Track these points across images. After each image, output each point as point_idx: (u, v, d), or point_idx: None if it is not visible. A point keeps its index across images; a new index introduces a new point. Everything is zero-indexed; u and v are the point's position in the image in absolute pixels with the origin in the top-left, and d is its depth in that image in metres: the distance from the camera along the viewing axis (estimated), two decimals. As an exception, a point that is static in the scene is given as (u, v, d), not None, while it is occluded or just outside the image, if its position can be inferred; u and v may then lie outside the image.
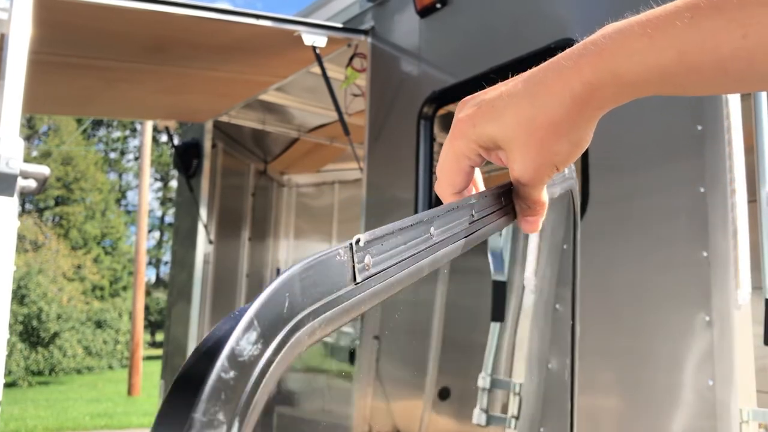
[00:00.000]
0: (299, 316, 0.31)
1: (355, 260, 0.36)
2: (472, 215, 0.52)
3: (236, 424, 0.27)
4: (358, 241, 0.37)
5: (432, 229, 0.46)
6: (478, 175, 0.60)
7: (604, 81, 0.49)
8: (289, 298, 0.31)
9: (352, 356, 4.21)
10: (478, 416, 0.98)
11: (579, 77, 0.49)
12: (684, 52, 0.45)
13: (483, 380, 0.93)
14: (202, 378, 0.26)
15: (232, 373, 0.27)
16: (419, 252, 0.44)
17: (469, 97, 0.57)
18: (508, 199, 0.58)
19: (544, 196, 0.58)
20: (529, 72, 0.54)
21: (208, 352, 0.27)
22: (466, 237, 0.51)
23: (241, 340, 0.28)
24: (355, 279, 0.36)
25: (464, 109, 0.56)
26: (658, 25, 0.46)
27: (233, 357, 0.27)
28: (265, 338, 0.29)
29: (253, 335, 0.29)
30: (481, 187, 0.61)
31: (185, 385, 0.26)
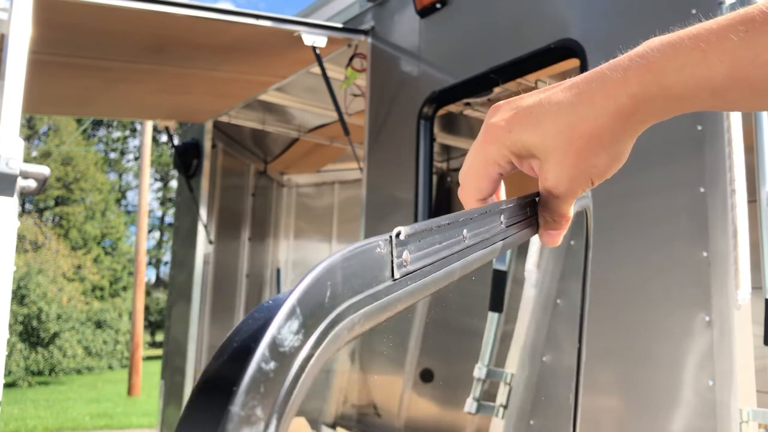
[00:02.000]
0: (340, 308, 0.29)
1: (394, 254, 0.34)
2: (501, 222, 0.50)
3: (274, 422, 0.24)
4: (398, 234, 0.34)
5: (465, 231, 0.44)
6: (501, 183, 0.59)
7: (651, 94, 0.48)
8: (330, 288, 0.28)
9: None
10: (470, 404, 0.98)
11: (625, 89, 0.48)
12: (737, 67, 0.45)
13: (479, 370, 0.93)
14: (240, 368, 0.23)
15: (272, 365, 0.24)
16: (453, 254, 0.42)
17: (502, 101, 0.55)
18: (532, 210, 0.56)
19: (571, 210, 0.56)
20: (570, 81, 0.52)
21: (246, 340, 0.25)
22: (493, 245, 0.49)
23: (283, 328, 0.25)
24: (393, 275, 0.34)
25: (498, 113, 0.54)
26: (710, 38, 0.45)
27: (274, 346, 0.25)
28: (306, 328, 0.26)
29: (294, 324, 0.26)
30: (503, 196, 0.59)
31: (219, 376, 0.23)
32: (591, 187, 0.54)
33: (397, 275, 0.34)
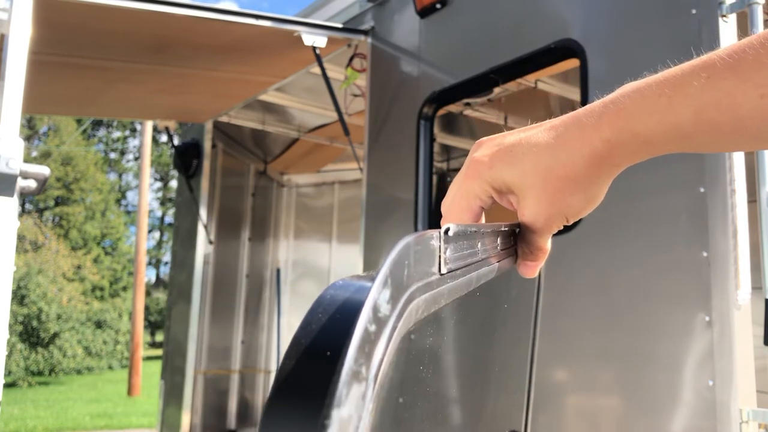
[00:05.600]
0: (412, 288, 0.30)
1: (442, 249, 0.35)
2: (497, 245, 0.53)
3: (372, 385, 0.24)
4: (447, 231, 0.36)
5: (479, 245, 0.45)
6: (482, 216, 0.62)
7: (623, 139, 0.50)
8: (407, 267, 0.30)
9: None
10: None
11: (599, 134, 0.51)
12: (701, 112, 0.47)
13: None
14: (348, 328, 0.24)
15: (373, 327, 0.25)
16: (476, 262, 0.43)
17: (485, 138, 0.58)
18: (513, 241, 0.59)
19: (548, 243, 0.59)
20: (549, 123, 0.55)
21: (346, 304, 0.25)
22: (490, 265, 0.50)
23: (381, 293, 0.26)
24: (440, 269, 0.35)
25: (481, 149, 0.57)
26: (675, 84, 0.48)
27: (375, 310, 0.25)
28: (393, 300, 0.27)
29: (387, 293, 0.27)
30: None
31: (326, 334, 0.24)
32: (566, 224, 0.56)
33: (443, 270, 0.35)
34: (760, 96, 0.45)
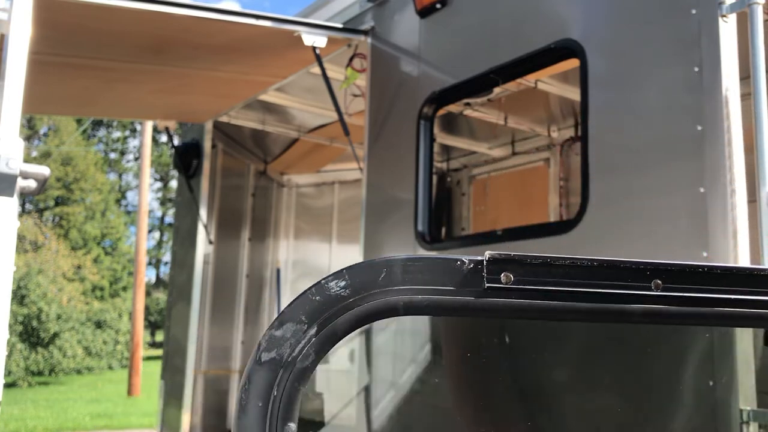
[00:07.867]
0: (396, 287, 0.42)
1: (485, 272, 0.45)
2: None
3: (313, 329, 0.40)
4: (488, 258, 0.46)
5: (657, 281, 0.49)
6: None
7: None
8: (386, 272, 0.42)
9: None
10: None
11: None
12: None
13: None
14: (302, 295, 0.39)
15: (318, 298, 0.43)
16: (628, 296, 0.51)
17: None
18: None
19: None
20: None
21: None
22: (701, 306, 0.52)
23: (330, 280, 0.43)
24: (483, 285, 0.45)
25: None
26: None
27: (321, 287, 0.42)
28: (353, 287, 0.42)
29: (342, 282, 0.43)
30: None
31: (295, 302, 0.41)
32: None
33: (487, 285, 0.45)
34: None
